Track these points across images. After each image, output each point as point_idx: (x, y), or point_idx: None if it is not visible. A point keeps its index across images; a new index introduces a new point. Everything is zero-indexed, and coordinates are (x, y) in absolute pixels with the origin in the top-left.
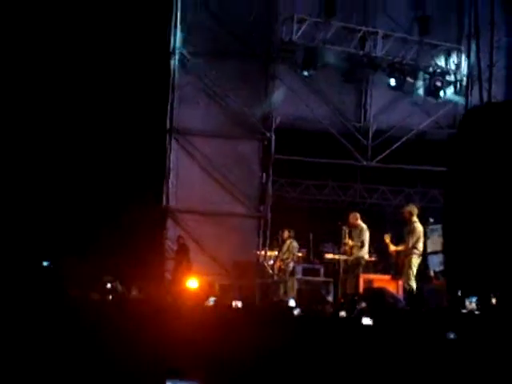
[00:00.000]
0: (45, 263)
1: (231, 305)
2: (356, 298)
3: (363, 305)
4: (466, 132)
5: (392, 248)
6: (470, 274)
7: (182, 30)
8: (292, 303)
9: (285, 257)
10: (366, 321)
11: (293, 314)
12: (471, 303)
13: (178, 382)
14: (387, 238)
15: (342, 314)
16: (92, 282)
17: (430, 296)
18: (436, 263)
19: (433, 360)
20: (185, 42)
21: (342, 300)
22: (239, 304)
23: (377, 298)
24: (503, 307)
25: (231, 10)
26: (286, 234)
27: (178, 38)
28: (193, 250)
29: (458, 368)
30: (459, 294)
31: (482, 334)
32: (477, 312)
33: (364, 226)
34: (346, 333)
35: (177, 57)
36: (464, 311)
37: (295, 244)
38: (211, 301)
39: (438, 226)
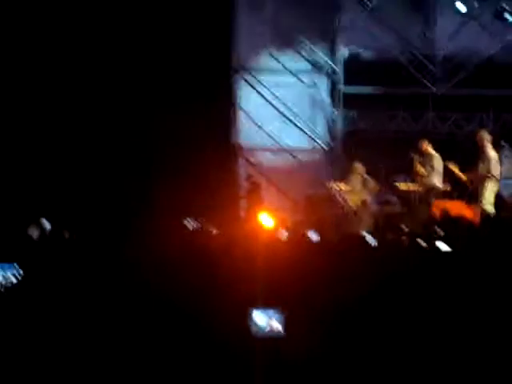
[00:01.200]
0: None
1: (306, 236)
2: (434, 225)
3: (441, 232)
4: None
5: (460, 175)
6: None
7: None
8: (367, 235)
9: (357, 190)
10: (444, 247)
11: (369, 245)
12: None
13: (263, 310)
14: (454, 168)
15: (421, 242)
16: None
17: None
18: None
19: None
20: None
21: (419, 229)
22: (314, 236)
23: (452, 224)
24: None
25: None
26: (357, 166)
27: None
28: (264, 187)
29: None
30: None
31: None
32: None
33: (435, 153)
34: (426, 261)
35: None
36: None
37: (366, 176)
38: (284, 233)
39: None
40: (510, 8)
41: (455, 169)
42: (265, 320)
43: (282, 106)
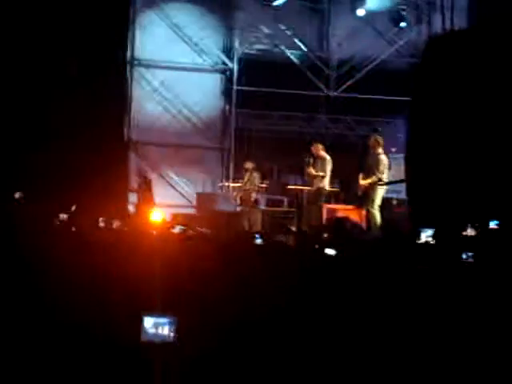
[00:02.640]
0: (17, 195)
1: (198, 233)
2: (320, 227)
3: (325, 235)
4: (428, 60)
5: (362, 182)
6: (431, 202)
7: None
8: (255, 234)
9: (248, 188)
10: (329, 251)
11: (255, 243)
12: (427, 236)
13: (156, 317)
14: (360, 175)
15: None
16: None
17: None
18: (398, 191)
19: (398, 288)
20: None
21: (305, 230)
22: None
23: (339, 227)
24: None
25: None
26: (248, 165)
27: None
28: (156, 182)
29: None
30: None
31: (438, 264)
32: (432, 243)
33: (327, 156)
34: (310, 263)
35: None
36: (420, 242)
37: (257, 175)
38: (178, 228)
39: (400, 156)
40: (406, 14)
41: (360, 177)
42: (155, 325)
43: (176, 101)
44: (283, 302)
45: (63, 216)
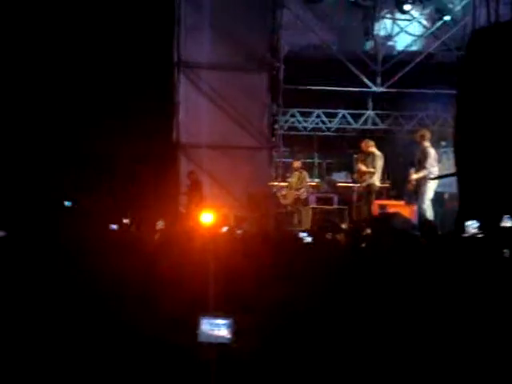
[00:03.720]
0: (67, 203)
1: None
2: (363, 223)
3: (368, 231)
4: (474, 53)
5: (414, 176)
6: (482, 196)
7: None
8: (303, 233)
9: (297, 187)
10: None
11: (305, 241)
12: (473, 228)
13: (213, 319)
14: (412, 171)
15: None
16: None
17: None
18: (450, 185)
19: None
20: None
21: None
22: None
23: (383, 223)
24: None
25: None
26: (296, 164)
27: None
28: (206, 183)
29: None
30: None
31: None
32: (480, 236)
33: (377, 152)
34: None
35: None
36: (466, 235)
37: (306, 174)
38: (225, 229)
39: (450, 149)
40: (452, 8)
41: (412, 173)
42: (212, 327)
43: (223, 102)
44: (335, 301)
45: (122, 223)
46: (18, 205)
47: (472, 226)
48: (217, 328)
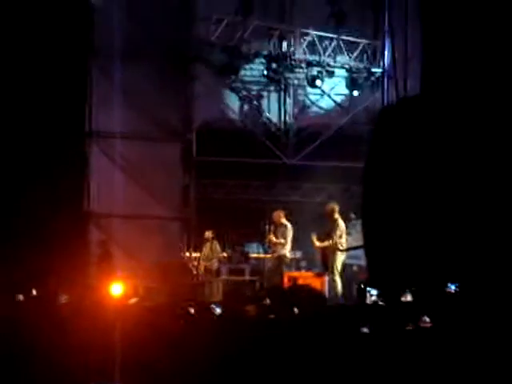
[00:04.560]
0: None
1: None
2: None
3: (267, 301)
4: (382, 129)
5: (318, 244)
6: (391, 267)
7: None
8: (213, 305)
9: (208, 257)
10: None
11: (214, 314)
12: (372, 295)
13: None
14: (314, 236)
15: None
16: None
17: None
18: (359, 257)
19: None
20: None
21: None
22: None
23: (291, 296)
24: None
25: (146, 9)
26: (208, 234)
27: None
28: (116, 254)
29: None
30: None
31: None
32: (381, 303)
33: (288, 224)
34: (270, 331)
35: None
36: (368, 303)
37: (218, 244)
38: (133, 301)
39: (359, 222)
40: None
41: (314, 237)
42: None
43: (135, 172)
44: (239, 372)
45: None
46: None
47: (372, 293)
48: None
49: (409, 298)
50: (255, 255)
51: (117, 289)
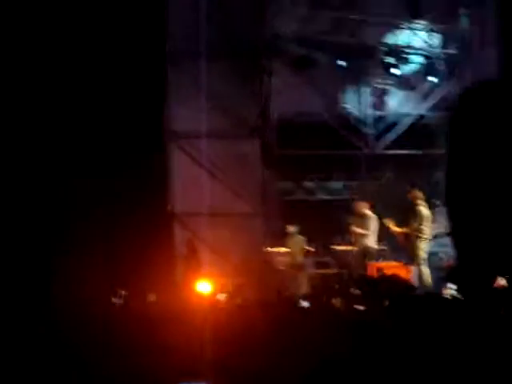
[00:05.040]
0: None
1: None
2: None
3: (357, 292)
4: (461, 113)
5: (396, 229)
6: (478, 256)
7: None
8: (301, 299)
9: (293, 252)
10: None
11: (301, 308)
12: (450, 289)
13: None
14: (389, 223)
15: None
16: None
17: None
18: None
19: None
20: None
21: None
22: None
23: (378, 286)
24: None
25: (222, 8)
26: (291, 229)
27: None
28: (203, 252)
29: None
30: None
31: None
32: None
33: (371, 214)
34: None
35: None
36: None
37: (301, 238)
38: (222, 296)
39: (444, 209)
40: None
41: (390, 224)
42: None
43: (216, 170)
44: (331, 366)
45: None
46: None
47: (451, 287)
48: None
49: (503, 282)
50: (339, 247)
51: (206, 286)
